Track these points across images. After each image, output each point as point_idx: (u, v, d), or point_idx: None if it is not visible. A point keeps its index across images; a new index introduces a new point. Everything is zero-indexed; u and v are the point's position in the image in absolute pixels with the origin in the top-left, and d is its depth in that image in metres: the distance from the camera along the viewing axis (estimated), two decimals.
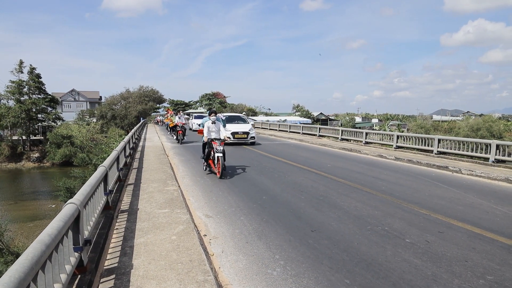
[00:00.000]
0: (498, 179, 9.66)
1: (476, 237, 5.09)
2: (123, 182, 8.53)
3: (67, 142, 43.91)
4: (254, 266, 4.13)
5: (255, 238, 5.04)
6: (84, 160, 34.81)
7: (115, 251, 4.37)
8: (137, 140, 21.08)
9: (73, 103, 78.59)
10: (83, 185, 4.46)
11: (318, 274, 3.91)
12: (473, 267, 4.10)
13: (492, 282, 3.75)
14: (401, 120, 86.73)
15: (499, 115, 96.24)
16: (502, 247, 4.73)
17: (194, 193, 7.76)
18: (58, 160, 42.91)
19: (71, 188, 22.46)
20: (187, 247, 4.47)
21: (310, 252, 4.53)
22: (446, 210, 6.49)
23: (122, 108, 59.79)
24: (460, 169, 10.88)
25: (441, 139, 14.78)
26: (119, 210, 6.18)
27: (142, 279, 3.62)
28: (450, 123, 61.21)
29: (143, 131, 31.96)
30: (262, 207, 6.65)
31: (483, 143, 12.85)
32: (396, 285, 3.67)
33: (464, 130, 47.74)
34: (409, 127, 57.95)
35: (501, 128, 48.94)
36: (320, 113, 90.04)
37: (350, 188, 8.30)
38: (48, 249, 2.57)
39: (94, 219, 4.64)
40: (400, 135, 17.15)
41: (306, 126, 28.56)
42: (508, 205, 6.94)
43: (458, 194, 7.86)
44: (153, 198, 6.96)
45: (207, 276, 3.69)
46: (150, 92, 64.81)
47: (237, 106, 74.36)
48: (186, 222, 5.46)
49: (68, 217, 3.16)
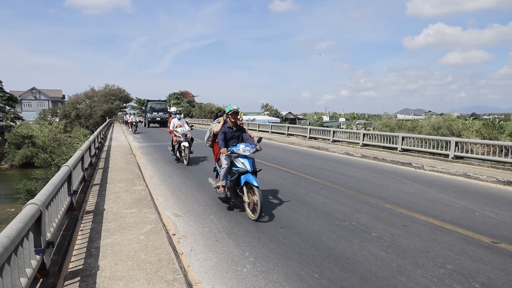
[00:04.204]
0: (457, 174, 10.13)
1: (437, 229, 5.32)
2: (89, 183, 8.26)
3: (27, 142, 41.91)
4: (224, 264, 4.12)
5: (224, 236, 5.03)
6: (46, 161, 33.38)
7: (80, 252, 4.22)
8: (103, 140, 20.48)
9: (33, 102, 75.23)
10: (45, 186, 4.28)
11: (287, 270, 3.95)
12: (434, 258, 4.28)
13: (451, 271, 3.94)
14: (367, 119, 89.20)
15: (458, 114, 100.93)
16: (461, 238, 4.97)
17: (162, 193, 7.64)
18: (17, 161, 40.83)
19: (32, 190, 21.49)
20: (156, 246, 4.39)
21: (279, 249, 4.57)
22: (410, 204, 6.74)
23: (87, 107, 57.76)
24: (422, 166, 11.33)
25: (405, 137, 15.32)
26: (84, 211, 5.99)
27: (109, 280, 3.52)
28: (413, 122, 63.57)
29: (109, 131, 31.09)
30: (231, 205, 6.63)
31: (444, 140, 13.43)
32: (363, 277, 3.77)
33: (426, 129, 49.75)
34: (375, 126, 59.67)
35: (459, 127, 51.38)
36: (288, 112, 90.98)
37: (318, 185, 8.44)
38: (6, 251, 2.45)
39: (58, 220, 4.47)
40: (366, 134, 17.62)
41: (275, 125, 28.79)
42: (466, 199, 7.30)
43: (421, 189, 8.18)
44: (120, 198, 6.79)
45: (177, 275, 3.64)
46: (117, 91, 62.95)
47: (206, 105, 73.70)
48: (154, 221, 5.36)
49: (28, 218, 3.03)
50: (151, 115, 39.34)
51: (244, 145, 5.92)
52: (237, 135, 6.34)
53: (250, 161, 5.78)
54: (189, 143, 11.42)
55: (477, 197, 7.55)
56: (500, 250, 4.55)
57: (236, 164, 5.83)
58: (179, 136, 11.49)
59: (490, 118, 75.37)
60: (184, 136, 11.42)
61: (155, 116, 39.20)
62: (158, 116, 39.19)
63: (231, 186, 5.96)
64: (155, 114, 39.27)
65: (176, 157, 12.04)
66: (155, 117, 39.16)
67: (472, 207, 6.63)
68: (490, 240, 4.89)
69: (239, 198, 5.99)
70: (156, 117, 39.17)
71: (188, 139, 11.46)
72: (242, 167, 5.72)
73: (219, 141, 6.19)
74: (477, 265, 4.10)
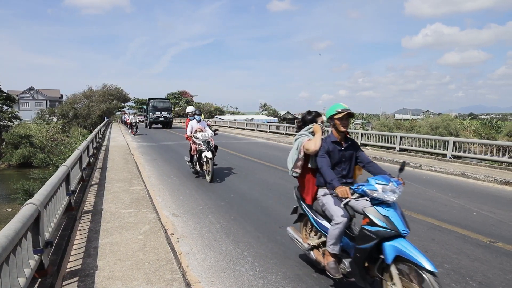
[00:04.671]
0: (455, 174, 10.16)
1: (436, 229, 5.33)
2: (87, 182, 8.25)
3: (25, 142, 41.79)
4: (223, 264, 4.13)
5: (223, 236, 5.03)
6: (44, 161, 33.31)
7: (79, 252, 4.22)
8: (101, 140, 20.45)
9: (31, 102, 75.04)
10: (43, 185, 4.28)
11: (286, 269, 3.96)
12: (432, 257, 4.28)
13: (449, 270, 3.95)
14: (365, 119, 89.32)
15: (455, 114, 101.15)
16: (459, 237, 4.99)
17: (160, 192, 7.64)
18: (15, 161, 40.71)
19: (30, 190, 21.44)
20: (154, 246, 4.39)
21: (278, 248, 4.58)
22: (408, 204, 6.75)
23: (84, 107, 57.65)
24: (420, 165, 11.35)
25: (403, 137, 15.35)
26: (82, 211, 5.98)
27: (108, 280, 3.52)
28: (411, 121, 63.64)
29: (108, 131, 31.05)
30: (230, 205, 6.64)
31: (441, 140, 13.48)
32: None
33: (424, 129, 49.84)
34: (373, 126, 59.75)
35: (457, 126, 51.48)
36: (287, 112, 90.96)
37: None
38: (4, 251, 2.45)
39: (56, 220, 4.47)
40: (364, 133, 17.64)
41: (273, 125, 28.81)
42: (463, 198, 7.32)
43: (419, 189, 8.20)
44: (118, 198, 6.78)
45: (175, 274, 3.64)
46: (115, 91, 62.81)
47: (204, 105, 73.74)
48: (153, 221, 5.36)
49: (27, 218, 3.02)
50: (154, 115, 35.40)
51: (384, 180, 3.15)
52: (349, 156, 3.71)
53: (398, 212, 3.03)
54: (213, 153, 8.89)
55: (474, 196, 7.58)
56: (498, 249, 4.58)
57: (371, 217, 2.98)
58: (199, 144, 8.92)
59: (488, 118, 75.55)
60: (206, 144, 8.87)
61: (157, 116, 35.40)
62: (161, 116, 35.47)
63: (358, 259, 3.06)
64: (158, 114, 35.46)
65: (195, 170, 9.48)
66: (157, 117, 35.39)
67: (470, 207, 6.65)
68: (487, 240, 4.91)
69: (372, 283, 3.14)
70: (159, 117, 35.44)
71: (212, 148, 8.94)
72: (384, 225, 2.90)
73: (324, 169, 3.45)
74: (474, 264, 4.12)
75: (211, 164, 8.62)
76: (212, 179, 8.60)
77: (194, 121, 9.68)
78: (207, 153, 8.68)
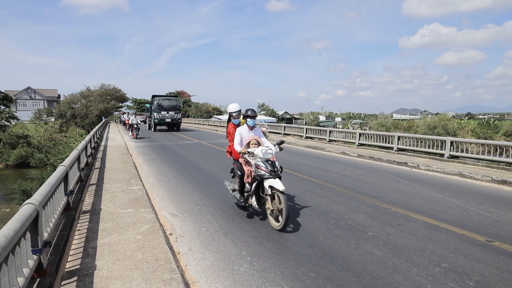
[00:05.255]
0: (452, 173, 10.20)
1: (433, 228, 5.36)
2: (85, 182, 8.25)
3: (23, 142, 41.68)
4: (221, 263, 4.14)
5: (221, 236, 5.04)
6: (42, 161, 33.19)
7: (77, 252, 4.23)
8: (99, 140, 20.42)
9: (29, 102, 74.74)
10: (41, 186, 4.28)
11: (284, 269, 3.97)
12: (429, 256, 4.32)
13: (446, 269, 3.98)
14: (363, 119, 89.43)
15: (453, 114, 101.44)
16: (456, 237, 5.01)
17: (159, 192, 7.64)
18: (12, 161, 40.58)
19: (28, 190, 21.37)
20: (153, 246, 4.40)
21: (276, 248, 4.59)
22: (405, 203, 6.78)
23: (82, 107, 57.55)
24: (418, 165, 11.39)
25: (401, 137, 15.40)
26: (80, 211, 5.98)
27: (106, 280, 3.53)
28: (409, 121, 63.82)
29: (105, 131, 30.99)
30: (228, 204, 6.65)
31: (439, 140, 13.52)
32: (359, 276, 3.80)
33: (422, 128, 49.98)
34: (370, 126, 59.86)
35: (455, 126, 51.66)
36: (285, 112, 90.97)
37: (315, 184, 8.47)
38: (4, 251, 2.46)
39: (54, 220, 4.47)
40: (362, 133, 17.68)
41: (272, 125, 28.82)
42: (461, 198, 7.36)
43: (416, 188, 8.23)
44: (117, 198, 6.79)
45: (174, 274, 3.65)
46: (112, 91, 62.77)
47: (202, 105, 73.71)
48: (151, 221, 5.37)
49: (26, 218, 3.03)
50: (159, 115, 29.87)
51: None
52: None
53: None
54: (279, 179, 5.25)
55: (472, 196, 7.61)
56: (494, 249, 4.60)
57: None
58: (258, 166, 5.33)
59: (485, 118, 75.84)
60: (270, 166, 5.29)
61: (164, 117, 29.97)
62: (168, 116, 30.05)
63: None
64: (164, 114, 29.95)
65: (248, 205, 5.90)
66: (164, 117, 29.96)
67: (467, 206, 6.69)
68: (484, 239, 4.94)
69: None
70: (166, 118, 30.03)
71: (278, 172, 5.34)
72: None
73: None
74: (471, 263, 4.14)
75: (283, 201, 4.94)
76: (285, 225, 5.11)
77: (244, 127, 6.09)
78: (273, 182, 5.13)
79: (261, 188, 5.49)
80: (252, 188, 5.57)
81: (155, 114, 30.15)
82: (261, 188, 5.47)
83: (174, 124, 30.75)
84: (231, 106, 6.55)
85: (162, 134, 26.53)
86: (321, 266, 4.05)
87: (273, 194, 5.22)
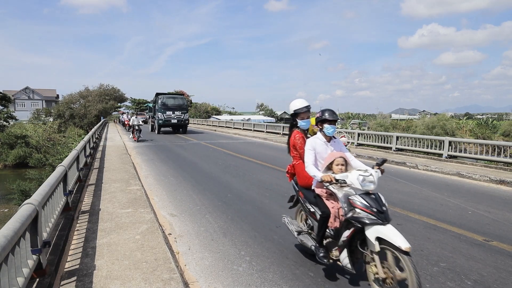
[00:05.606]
0: (450, 173, 10.23)
1: (431, 228, 5.38)
2: (84, 183, 8.25)
3: (21, 142, 41.60)
4: (220, 263, 4.15)
5: (220, 235, 5.05)
6: (40, 161, 33.15)
7: (76, 252, 4.23)
8: (97, 140, 20.41)
9: (27, 102, 74.73)
10: (40, 186, 4.28)
11: (283, 269, 3.99)
12: (428, 256, 4.34)
13: (445, 268, 4.00)
14: (362, 119, 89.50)
15: (451, 114, 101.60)
16: (454, 236, 5.03)
17: (158, 192, 7.64)
18: (11, 161, 40.49)
19: (26, 190, 21.33)
20: (152, 246, 4.41)
21: (275, 248, 4.60)
22: (404, 203, 6.80)
23: (81, 107, 57.49)
24: (416, 165, 11.42)
25: (399, 137, 15.44)
26: (79, 211, 5.98)
27: (106, 279, 3.54)
28: (407, 121, 63.88)
29: (104, 131, 30.98)
30: (227, 204, 6.66)
31: (437, 140, 13.55)
32: (363, 276, 3.81)
33: (421, 128, 50.03)
34: (369, 126, 59.93)
35: (453, 126, 51.72)
36: (284, 112, 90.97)
37: None
38: (3, 251, 2.47)
39: (54, 220, 4.48)
40: (361, 133, 17.71)
41: (270, 125, 28.87)
42: (459, 198, 7.38)
43: (415, 188, 8.26)
44: (116, 198, 6.79)
45: (173, 274, 3.66)
46: (111, 91, 62.69)
47: (201, 105, 73.69)
48: (150, 221, 5.37)
49: (25, 218, 3.04)
50: (164, 116, 26.72)
51: None
52: None
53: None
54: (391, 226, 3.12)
55: (470, 196, 7.64)
56: (492, 248, 4.63)
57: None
58: (353, 202, 3.30)
59: (484, 118, 76.01)
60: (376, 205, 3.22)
61: (169, 117, 26.84)
62: (174, 116, 26.99)
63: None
64: (170, 114, 26.86)
65: (332, 260, 3.64)
66: (169, 118, 26.84)
67: (465, 206, 6.71)
68: (482, 238, 4.96)
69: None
70: (171, 119, 26.94)
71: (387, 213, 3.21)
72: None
73: None
74: (469, 263, 4.16)
75: (411, 268, 2.85)
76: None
77: (319, 138, 3.95)
78: (384, 232, 3.05)
79: (358, 238, 3.32)
80: (343, 237, 3.39)
81: (159, 114, 26.80)
82: (358, 237, 3.31)
83: (180, 126, 27.96)
84: (296, 103, 4.28)
85: (163, 135, 25.83)
86: (320, 266, 4.06)
87: (384, 251, 3.12)
